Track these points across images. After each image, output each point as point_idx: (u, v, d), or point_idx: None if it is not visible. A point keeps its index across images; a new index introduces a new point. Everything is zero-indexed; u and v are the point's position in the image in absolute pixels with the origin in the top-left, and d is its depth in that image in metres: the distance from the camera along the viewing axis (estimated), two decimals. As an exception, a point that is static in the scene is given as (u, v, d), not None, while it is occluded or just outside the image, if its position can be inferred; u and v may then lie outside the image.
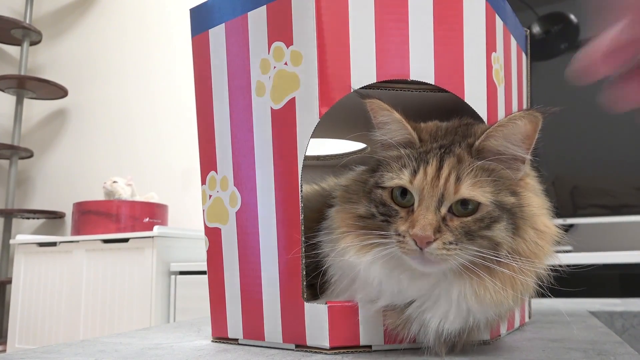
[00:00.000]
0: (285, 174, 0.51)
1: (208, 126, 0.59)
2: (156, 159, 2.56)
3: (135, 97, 2.67)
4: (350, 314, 0.49)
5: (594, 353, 0.47)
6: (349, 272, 0.48)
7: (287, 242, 0.51)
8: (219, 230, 0.58)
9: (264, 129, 0.53)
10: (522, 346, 0.52)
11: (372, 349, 0.50)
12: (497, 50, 0.56)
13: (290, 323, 0.52)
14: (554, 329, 0.64)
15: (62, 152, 2.85)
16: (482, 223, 0.43)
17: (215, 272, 0.59)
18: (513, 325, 0.61)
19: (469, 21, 0.52)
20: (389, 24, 0.50)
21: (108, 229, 2.09)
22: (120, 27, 2.72)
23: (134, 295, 1.90)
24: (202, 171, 0.60)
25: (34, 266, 2.14)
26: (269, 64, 0.52)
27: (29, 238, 2.21)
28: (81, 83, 2.80)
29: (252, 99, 0.54)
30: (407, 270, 0.45)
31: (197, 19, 0.60)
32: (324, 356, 0.49)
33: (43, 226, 2.83)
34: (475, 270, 0.43)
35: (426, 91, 0.52)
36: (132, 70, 2.69)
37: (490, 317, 0.45)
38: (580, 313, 0.81)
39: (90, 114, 2.80)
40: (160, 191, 2.42)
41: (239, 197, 0.56)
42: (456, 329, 0.45)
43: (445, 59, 0.51)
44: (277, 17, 0.52)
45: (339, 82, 0.49)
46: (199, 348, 0.55)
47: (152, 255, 1.89)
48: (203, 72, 0.59)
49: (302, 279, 0.50)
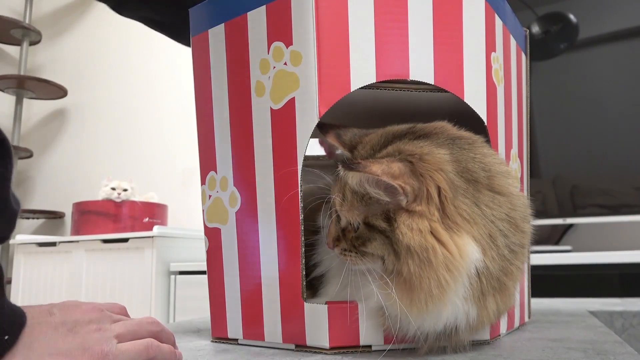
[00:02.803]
0: (284, 174, 0.51)
1: (208, 126, 0.59)
2: (156, 159, 2.56)
3: (134, 97, 2.67)
4: (350, 314, 0.49)
5: (594, 353, 0.47)
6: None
7: (286, 242, 0.51)
8: (219, 230, 0.58)
9: (264, 129, 0.53)
10: (522, 346, 0.52)
11: (372, 349, 0.50)
12: (496, 50, 0.56)
13: (290, 323, 0.52)
14: (553, 328, 0.64)
15: (62, 152, 2.85)
16: (360, 239, 0.47)
17: (215, 272, 0.59)
18: (513, 325, 0.61)
19: (468, 21, 0.52)
20: (388, 24, 0.50)
21: (108, 229, 2.08)
22: (120, 27, 2.72)
23: (133, 295, 1.90)
24: (202, 171, 0.60)
25: (33, 266, 2.14)
26: (268, 64, 0.52)
27: (28, 238, 2.21)
28: (81, 83, 2.80)
29: (252, 99, 0.54)
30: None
31: (197, 19, 0.60)
32: (323, 356, 0.49)
33: (43, 226, 2.82)
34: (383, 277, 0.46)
35: (425, 91, 0.52)
36: (132, 70, 2.69)
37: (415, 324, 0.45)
38: (580, 313, 0.81)
39: (89, 114, 2.80)
40: (160, 191, 2.42)
41: (239, 197, 0.56)
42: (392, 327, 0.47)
43: (444, 59, 0.51)
44: (277, 17, 0.51)
45: (338, 82, 0.49)
46: (199, 348, 0.55)
47: (151, 255, 1.89)
48: (203, 72, 0.59)
49: (302, 279, 0.50)
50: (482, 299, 0.45)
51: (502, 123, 0.57)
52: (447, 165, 0.45)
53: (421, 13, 0.51)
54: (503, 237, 0.46)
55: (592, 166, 1.56)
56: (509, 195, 0.47)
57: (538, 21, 1.63)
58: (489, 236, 0.45)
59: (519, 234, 0.47)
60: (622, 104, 1.53)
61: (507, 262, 0.46)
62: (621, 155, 1.52)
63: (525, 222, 0.48)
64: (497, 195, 0.46)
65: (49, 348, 0.37)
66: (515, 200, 0.48)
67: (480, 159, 0.47)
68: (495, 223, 0.45)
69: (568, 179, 1.58)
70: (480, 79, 0.53)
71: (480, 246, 0.44)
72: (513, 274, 0.47)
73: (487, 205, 0.46)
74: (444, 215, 0.44)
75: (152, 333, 0.45)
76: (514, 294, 0.49)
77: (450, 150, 0.47)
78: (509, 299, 0.48)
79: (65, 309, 0.42)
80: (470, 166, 0.46)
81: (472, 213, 0.45)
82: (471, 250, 0.43)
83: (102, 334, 0.40)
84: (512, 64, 0.63)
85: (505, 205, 0.47)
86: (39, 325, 0.39)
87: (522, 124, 0.67)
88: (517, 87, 0.64)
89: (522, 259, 0.49)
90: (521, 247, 0.48)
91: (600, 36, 1.58)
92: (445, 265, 0.43)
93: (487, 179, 0.46)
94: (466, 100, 0.52)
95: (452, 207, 0.44)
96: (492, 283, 0.45)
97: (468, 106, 0.52)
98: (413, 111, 0.58)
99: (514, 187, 0.49)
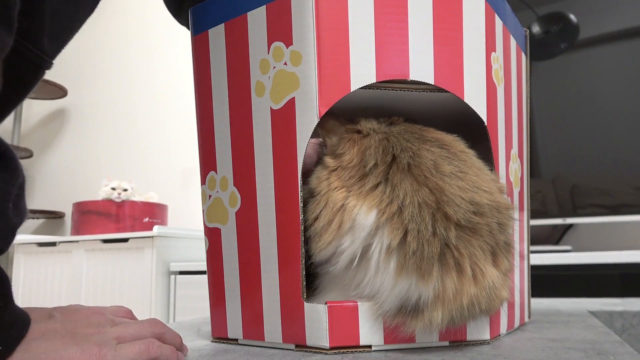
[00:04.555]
0: (284, 174, 0.51)
1: (208, 126, 0.59)
2: (156, 158, 2.56)
3: (135, 97, 2.67)
4: (350, 314, 0.49)
5: (594, 353, 0.47)
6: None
7: (286, 242, 0.51)
8: (219, 230, 0.58)
9: (264, 129, 0.53)
10: (522, 346, 0.52)
11: (372, 349, 0.50)
12: (496, 50, 0.56)
13: (290, 323, 0.52)
14: (553, 328, 0.64)
15: (62, 152, 2.85)
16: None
17: (215, 272, 0.59)
18: (513, 325, 0.61)
19: (468, 21, 0.52)
20: (388, 23, 0.50)
21: (108, 229, 2.09)
22: (121, 27, 2.72)
23: (133, 295, 1.90)
24: (202, 171, 0.60)
25: (33, 266, 2.14)
26: (268, 64, 0.52)
27: (28, 238, 2.21)
28: (81, 83, 2.80)
29: (252, 99, 0.54)
30: None
31: (197, 18, 0.60)
32: (323, 356, 0.49)
33: (43, 226, 2.82)
34: None
35: (426, 91, 0.52)
36: (132, 70, 2.69)
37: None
38: (580, 313, 0.81)
39: (89, 113, 2.80)
40: (160, 191, 2.42)
41: (239, 197, 0.56)
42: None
43: (444, 59, 0.51)
44: (277, 17, 0.52)
45: (338, 82, 0.49)
46: (199, 348, 0.55)
47: (151, 255, 1.89)
48: (203, 72, 0.59)
49: (302, 279, 0.50)
50: (423, 272, 0.45)
51: (502, 123, 0.57)
52: (375, 144, 0.50)
53: (421, 13, 0.51)
54: (419, 221, 0.46)
55: (592, 166, 1.56)
56: (437, 188, 0.47)
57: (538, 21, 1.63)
58: (394, 214, 0.47)
59: (442, 221, 0.46)
60: (622, 104, 1.53)
61: (438, 245, 0.46)
62: (621, 155, 1.52)
63: (458, 213, 0.47)
64: (422, 187, 0.47)
65: (47, 349, 0.37)
66: (449, 189, 0.47)
67: (425, 155, 0.49)
68: (407, 207, 0.47)
69: (568, 179, 1.59)
70: (480, 79, 0.53)
71: (378, 217, 0.47)
72: (454, 256, 0.46)
73: (405, 189, 0.47)
74: (349, 182, 0.49)
75: (155, 334, 0.44)
76: (483, 280, 0.47)
77: (399, 141, 0.50)
78: (468, 281, 0.47)
79: (65, 312, 0.42)
80: (402, 156, 0.49)
81: (379, 191, 0.48)
82: (359, 212, 0.47)
83: (101, 335, 0.40)
84: (512, 64, 0.63)
85: (429, 195, 0.47)
86: (38, 327, 0.39)
87: (522, 124, 0.67)
88: (517, 87, 0.64)
89: (469, 245, 0.47)
90: (459, 233, 0.47)
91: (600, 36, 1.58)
92: (333, 211, 0.48)
93: (419, 171, 0.48)
94: (466, 100, 0.52)
95: (356, 178, 0.49)
96: (417, 260, 0.45)
97: (468, 106, 0.52)
98: (413, 111, 0.58)
99: (451, 184, 0.47)
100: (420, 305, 0.46)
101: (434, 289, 0.46)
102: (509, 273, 0.51)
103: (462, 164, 0.50)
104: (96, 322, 0.42)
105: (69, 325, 0.40)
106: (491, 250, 0.49)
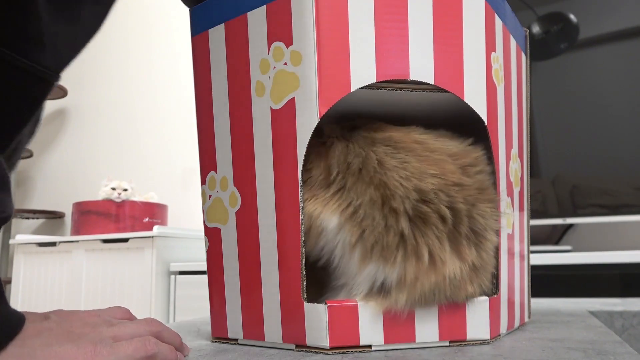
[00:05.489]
0: (284, 174, 0.51)
1: (208, 126, 0.59)
2: (156, 158, 2.56)
3: (135, 97, 2.67)
4: (350, 313, 0.49)
5: (594, 353, 0.47)
6: None
7: (286, 242, 0.51)
8: (219, 230, 0.58)
9: (264, 129, 0.53)
10: (522, 346, 0.52)
11: (372, 348, 0.50)
12: (496, 50, 0.56)
13: (290, 323, 0.52)
14: (553, 328, 0.64)
15: (62, 152, 2.85)
16: None
17: (215, 272, 0.59)
18: (513, 325, 0.61)
19: (468, 21, 0.52)
20: (388, 23, 0.50)
21: (108, 229, 2.09)
22: (121, 26, 2.72)
23: (133, 295, 1.90)
24: (202, 171, 0.60)
25: (33, 266, 2.15)
26: (268, 64, 0.52)
27: (28, 238, 2.21)
28: (81, 83, 2.80)
29: (252, 99, 0.54)
30: None
31: (197, 18, 0.60)
32: (323, 356, 0.49)
33: (42, 226, 2.83)
34: None
35: (426, 91, 0.52)
36: (133, 70, 2.69)
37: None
38: (580, 313, 0.81)
39: (90, 114, 2.80)
40: (160, 191, 2.43)
41: (239, 197, 0.56)
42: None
43: (444, 59, 0.51)
44: (277, 17, 0.52)
45: (338, 82, 0.49)
46: (199, 348, 0.55)
47: (151, 255, 1.89)
48: (203, 72, 0.59)
49: (302, 279, 0.50)
50: (387, 259, 0.49)
51: (502, 123, 0.57)
52: (337, 154, 0.52)
53: (421, 13, 0.51)
54: (370, 218, 0.50)
55: (592, 166, 1.56)
56: (382, 184, 0.50)
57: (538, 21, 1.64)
58: (351, 215, 0.50)
59: (392, 214, 0.49)
60: (622, 104, 1.53)
61: (394, 236, 0.49)
62: (621, 155, 1.52)
63: (405, 204, 0.49)
64: (369, 186, 0.50)
65: (42, 345, 0.37)
66: (392, 182, 0.50)
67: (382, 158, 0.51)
68: (360, 208, 0.50)
69: (568, 179, 1.59)
70: (480, 79, 0.53)
71: (340, 219, 0.50)
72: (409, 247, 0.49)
73: (356, 191, 0.51)
74: (318, 192, 0.52)
75: (152, 333, 0.44)
76: (443, 268, 0.49)
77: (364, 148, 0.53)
78: (427, 269, 0.49)
79: (61, 314, 0.42)
80: (354, 162, 0.52)
81: (337, 197, 0.52)
82: (324, 217, 0.51)
83: (97, 334, 0.40)
84: (512, 64, 0.63)
85: (375, 192, 0.50)
86: (33, 326, 0.39)
87: (522, 123, 0.67)
88: (517, 87, 0.64)
89: (425, 235, 0.49)
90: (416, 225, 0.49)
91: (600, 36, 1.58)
92: (307, 219, 0.51)
93: (368, 175, 0.51)
94: (466, 100, 0.52)
95: (323, 187, 0.52)
96: (380, 249, 0.49)
97: (468, 106, 0.52)
98: (413, 111, 0.58)
99: (393, 177, 0.50)
100: (386, 287, 0.50)
101: (398, 274, 0.49)
102: (483, 269, 0.51)
103: (407, 154, 0.51)
104: (92, 322, 0.42)
105: (64, 325, 0.40)
106: (450, 239, 0.50)
